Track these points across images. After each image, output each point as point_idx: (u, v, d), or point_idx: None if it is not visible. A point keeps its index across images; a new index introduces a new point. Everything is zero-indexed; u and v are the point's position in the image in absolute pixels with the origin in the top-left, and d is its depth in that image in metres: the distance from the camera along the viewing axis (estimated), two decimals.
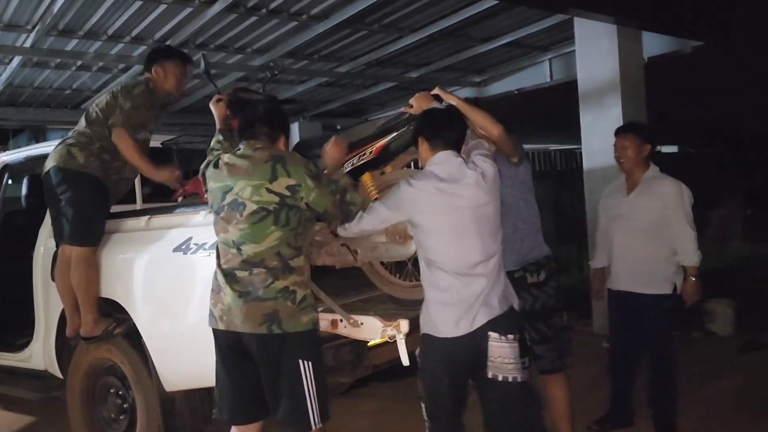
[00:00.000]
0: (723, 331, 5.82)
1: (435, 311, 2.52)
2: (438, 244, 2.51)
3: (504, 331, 2.47)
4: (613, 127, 5.89)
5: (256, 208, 2.51)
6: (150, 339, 3.17)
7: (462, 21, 6.48)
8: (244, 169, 2.56)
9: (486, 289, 2.48)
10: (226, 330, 2.57)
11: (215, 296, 2.60)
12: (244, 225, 2.53)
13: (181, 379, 3.18)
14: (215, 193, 2.63)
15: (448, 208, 2.48)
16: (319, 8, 5.99)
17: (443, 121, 2.63)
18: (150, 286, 3.23)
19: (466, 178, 2.50)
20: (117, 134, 3.35)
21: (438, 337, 2.51)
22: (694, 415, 3.97)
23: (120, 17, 5.78)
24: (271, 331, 2.50)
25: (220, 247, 2.63)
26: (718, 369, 4.89)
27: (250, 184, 2.53)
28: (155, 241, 3.23)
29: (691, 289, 3.52)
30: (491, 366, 2.47)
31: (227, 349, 2.61)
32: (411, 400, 4.33)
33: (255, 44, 6.84)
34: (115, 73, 7.40)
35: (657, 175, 3.59)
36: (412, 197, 2.52)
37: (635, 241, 3.55)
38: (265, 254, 2.52)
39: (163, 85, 3.52)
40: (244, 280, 2.54)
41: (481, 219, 2.51)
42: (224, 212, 2.58)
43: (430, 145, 2.60)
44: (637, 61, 6.24)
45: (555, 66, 8.22)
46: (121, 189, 3.63)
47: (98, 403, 3.60)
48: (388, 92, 9.52)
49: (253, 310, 2.50)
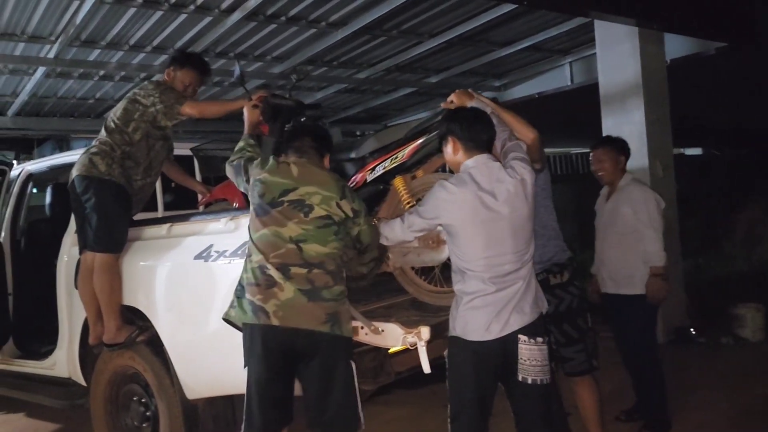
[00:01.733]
0: (753, 336, 5.69)
1: (465, 314, 2.49)
2: (472, 251, 2.47)
3: (533, 334, 2.46)
4: (636, 130, 5.93)
5: (324, 215, 2.59)
6: (172, 347, 3.18)
7: (481, 25, 6.46)
8: (319, 179, 2.63)
9: (519, 295, 2.46)
10: (282, 328, 2.51)
11: (265, 291, 2.52)
12: (309, 226, 2.57)
13: (203, 387, 3.18)
14: (271, 186, 2.61)
15: (485, 217, 2.43)
16: (337, 15, 6.01)
17: (475, 120, 2.57)
18: (171, 294, 3.24)
19: (506, 184, 2.45)
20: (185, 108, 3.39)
21: (468, 340, 2.48)
22: (720, 425, 3.89)
23: (141, 27, 5.86)
24: (332, 331, 2.55)
25: (269, 240, 2.56)
26: (749, 376, 4.77)
27: (321, 193, 2.60)
28: (176, 248, 3.24)
29: (654, 287, 3.65)
30: (521, 369, 2.45)
31: (274, 346, 2.53)
32: (436, 407, 4.31)
33: (274, 52, 6.88)
34: (137, 82, 7.48)
35: (630, 182, 3.80)
36: (450, 204, 2.47)
37: (612, 246, 3.75)
38: (325, 257, 2.57)
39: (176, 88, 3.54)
40: (300, 277, 2.53)
41: (517, 227, 2.47)
42: (282, 207, 2.57)
43: (463, 146, 2.54)
44: (659, 63, 6.15)
45: (576, 69, 8.15)
46: (146, 193, 3.65)
47: (121, 411, 3.61)
48: (408, 98, 9.51)
49: (317, 309, 2.53)
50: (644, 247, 3.66)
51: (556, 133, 11.84)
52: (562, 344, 3.10)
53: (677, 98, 6.34)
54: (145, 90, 3.48)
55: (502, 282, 2.45)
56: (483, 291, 2.45)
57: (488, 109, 2.72)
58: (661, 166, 5.99)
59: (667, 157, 6.15)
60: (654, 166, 5.92)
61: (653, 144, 5.93)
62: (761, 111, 10.15)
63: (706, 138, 14.07)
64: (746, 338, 5.69)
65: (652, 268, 3.65)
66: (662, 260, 3.66)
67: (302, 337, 2.53)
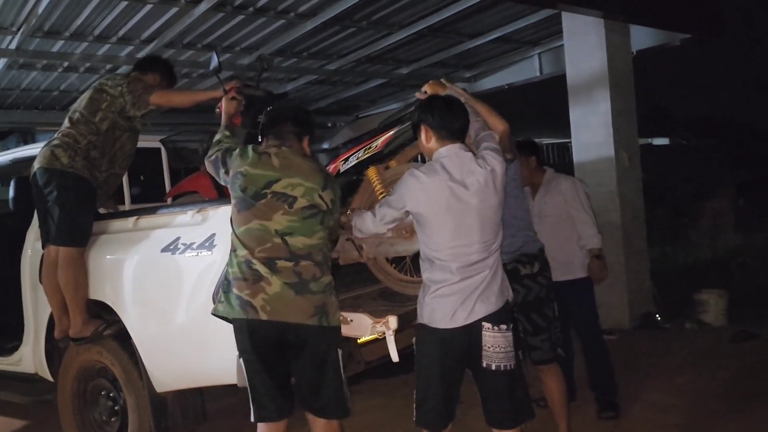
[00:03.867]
0: (715, 321, 5.85)
1: (432, 303, 2.52)
2: (441, 240, 2.49)
3: (497, 322, 2.49)
4: (603, 120, 6.03)
5: (308, 205, 2.59)
6: (140, 340, 3.15)
7: (451, 17, 6.48)
8: (301, 168, 2.63)
9: (485, 283, 2.49)
10: (270, 321, 2.51)
11: (252, 286, 2.51)
12: (294, 217, 2.56)
13: (171, 379, 3.16)
14: (254, 179, 2.59)
15: (455, 207, 2.45)
16: (306, 6, 5.98)
17: (448, 109, 2.56)
18: (139, 287, 3.21)
19: (476, 175, 2.46)
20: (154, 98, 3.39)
21: (433, 328, 2.51)
22: (683, 407, 3.99)
23: (106, 18, 5.75)
24: (320, 323, 2.56)
25: (254, 234, 2.55)
26: (710, 360, 4.91)
27: (304, 185, 2.59)
28: (143, 241, 3.21)
29: (596, 268, 3.85)
30: (485, 355, 2.49)
31: (264, 340, 2.54)
32: (407, 396, 4.35)
33: (243, 43, 6.81)
34: (102, 74, 7.35)
35: (554, 175, 3.96)
36: (419, 192, 2.48)
37: (549, 235, 3.78)
38: (312, 248, 2.58)
39: None
40: (287, 271, 2.53)
41: (486, 217, 2.49)
42: (266, 200, 2.56)
43: (435, 134, 2.54)
44: (625, 54, 6.25)
45: (545, 60, 8.23)
46: (111, 185, 3.61)
47: (89, 406, 3.57)
48: (379, 89, 9.51)
49: (305, 302, 2.53)
50: (580, 231, 3.84)
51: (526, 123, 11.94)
52: (529, 333, 3.15)
53: (644, 89, 6.46)
54: (113, 80, 3.46)
55: (468, 271, 2.48)
56: (450, 280, 2.48)
57: (461, 99, 2.73)
58: (627, 155, 6.10)
59: (633, 147, 6.27)
60: (620, 156, 6.03)
61: (619, 134, 6.03)
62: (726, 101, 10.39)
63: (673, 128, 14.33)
64: (709, 323, 5.85)
65: (591, 250, 3.83)
66: (599, 242, 3.84)
67: (291, 331, 2.54)
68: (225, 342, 2.79)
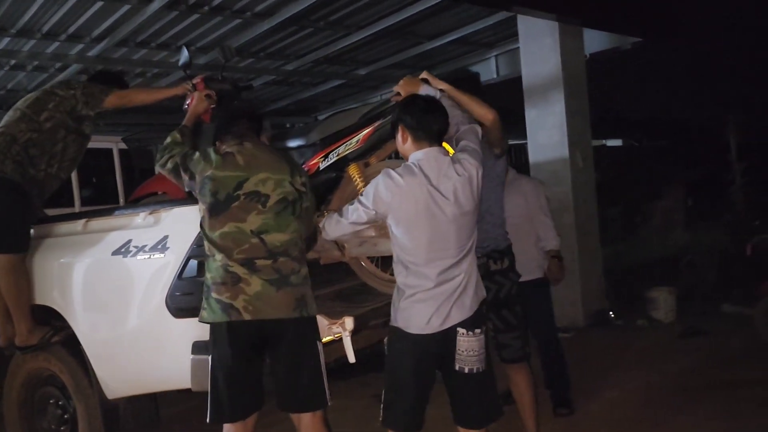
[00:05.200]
0: (665, 318, 6.02)
1: (407, 308, 2.47)
2: (415, 245, 2.43)
3: (472, 326, 2.47)
4: (557, 121, 6.14)
5: (279, 199, 2.57)
6: (89, 346, 3.07)
7: (408, 18, 6.50)
8: (266, 161, 2.61)
9: (460, 288, 2.45)
10: (251, 320, 2.49)
11: (232, 288, 2.49)
12: (269, 214, 2.55)
13: (123, 386, 3.09)
14: (223, 182, 2.54)
15: (432, 211, 2.40)
16: (263, 6, 5.92)
17: (426, 109, 2.50)
18: (88, 292, 3.12)
19: (453, 181, 2.41)
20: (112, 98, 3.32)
21: (408, 332, 2.48)
22: (635, 401, 4.10)
23: (54, 15, 5.60)
24: (302, 315, 2.56)
25: (231, 237, 2.52)
26: (660, 355, 5.05)
27: (272, 177, 2.58)
28: (93, 244, 3.13)
29: (555, 269, 3.92)
30: (458, 359, 2.47)
31: (246, 340, 2.52)
32: (366, 398, 4.36)
33: (199, 42, 6.71)
34: (52, 73, 7.15)
35: (516, 176, 3.94)
36: (395, 195, 2.41)
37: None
38: (288, 244, 2.58)
39: None
40: (266, 269, 2.52)
41: (462, 223, 2.45)
42: (239, 202, 2.53)
43: (412, 135, 2.48)
44: (578, 57, 6.38)
45: (501, 62, 8.35)
46: (50, 185, 3.46)
47: (37, 415, 3.47)
48: (337, 90, 9.50)
49: (287, 296, 2.54)
50: (540, 233, 3.89)
51: None
52: (500, 330, 3.10)
53: (597, 91, 6.60)
54: (68, 84, 3.40)
55: (444, 276, 2.43)
56: (425, 285, 2.43)
57: (437, 93, 2.66)
58: (581, 156, 6.23)
59: (586, 148, 6.40)
60: (574, 157, 6.15)
61: (573, 135, 6.16)
62: (676, 103, 10.70)
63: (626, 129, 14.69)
64: (660, 320, 6.02)
65: (550, 251, 3.89)
66: (558, 243, 3.90)
67: (270, 327, 2.53)
68: (178, 346, 2.77)
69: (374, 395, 4.49)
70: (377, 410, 2.61)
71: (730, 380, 4.33)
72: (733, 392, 4.09)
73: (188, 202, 2.82)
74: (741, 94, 10.12)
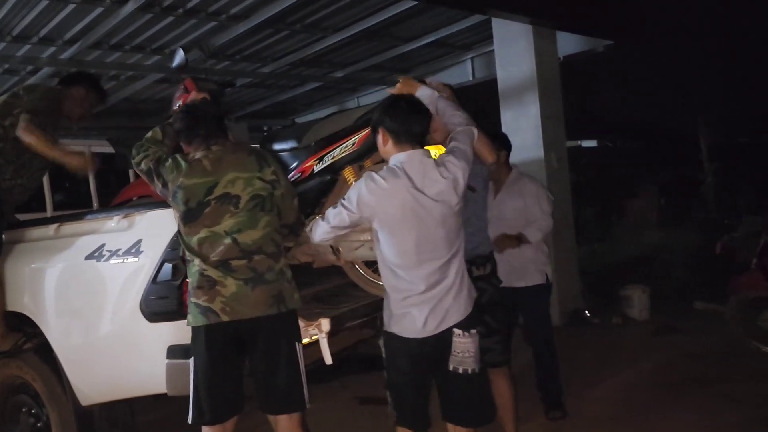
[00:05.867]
0: (640, 316, 6.12)
1: (400, 312, 2.45)
2: (401, 247, 2.41)
3: (468, 327, 2.48)
4: (532, 123, 6.20)
5: (251, 198, 2.55)
6: (62, 352, 3.03)
7: (385, 20, 6.52)
8: (233, 161, 2.59)
9: (454, 289, 2.44)
10: (229, 321, 2.48)
11: (209, 292, 2.49)
12: (241, 214, 2.53)
13: (98, 392, 3.04)
14: (192, 190, 2.53)
15: (418, 215, 2.38)
16: (238, 8, 5.89)
17: (409, 111, 2.45)
18: (61, 297, 3.08)
19: (438, 184, 2.39)
20: (22, 121, 3.17)
21: (403, 337, 2.46)
22: (612, 399, 4.16)
23: (25, 17, 5.51)
24: (279, 311, 2.54)
25: (206, 242, 2.51)
26: (635, 353, 5.13)
27: (241, 176, 2.56)
28: (66, 249, 3.09)
29: (507, 240, 3.61)
30: (453, 360, 2.47)
31: (224, 343, 2.52)
32: (346, 401, 4.35)
33: (174, 44, 6.65)
34: (23, 76, 7.05)
35: (519, 176, 3.83)
36: (380, 198, 2.37)
37: None
38: (262, 241, 2.55)
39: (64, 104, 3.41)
40: (242, 268, 2.51)
41: (448, 224, 2.43)
42: (211, 208, 2.52)
43: (393, 138, 2.44)
44: (552, 59, 6.46)
45: (477, 65, 8.41)
46: (16, 196, 3.43)
47: (9, 424, 3.41)
48: (315, 92, 9.48)
49: (262, 294, 2.52)
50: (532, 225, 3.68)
51: None
52: (482, 335, 3.05)
53: (572, 93, 6.68)
54: (30, 87, 3.36)
55: (434, 278, 2.42)
56: (416, 290, 2.41)
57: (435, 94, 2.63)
58: (555, 157, 6.30)
59: (561, 149, 6.48)
60: (549, 158, 6.22)
61: (548, 137, 6.23)
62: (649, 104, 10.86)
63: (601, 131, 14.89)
64: (634, 318, 6.11)
65: (522, 236, 3.65)
66: (535, 238, 3.68)
67: (246, 326, 2.52)
68: (153, 350, 2.74)
69: (355, 398, 4.52)
70: (358, 413, 2.63)
71: (703, 377, 4.42)
72: (707, 388, 4.18)
73: (163, 206, 2.80)
74: (711, 96, 10.31)
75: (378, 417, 3.97)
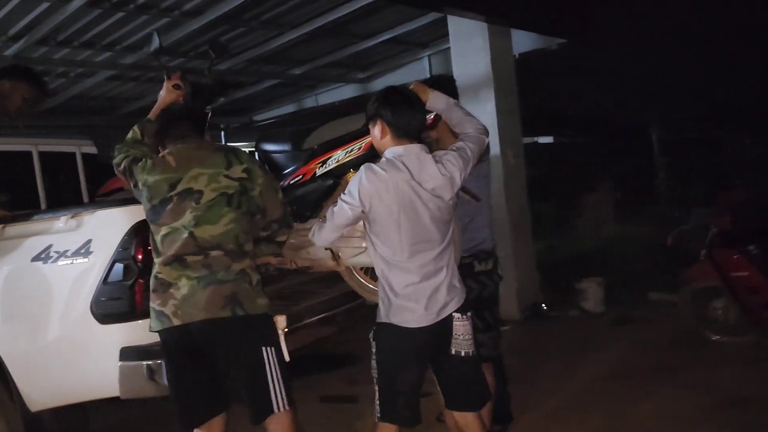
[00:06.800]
0: (595, 308, 6.23)
1: (401, 304, 2.45)
2: (397, 238, 2.41)
3: (464, 311, 2.53)
4: (489, 120, 6.24)
5: (216, 194, 2.48)
6: (9, 358, 2.95)
7: (342, 17, 6.49)
8: (198, 158, 2.54)
9: (448, 278, 2.48)
10: (180, 325, 2.41)
11: (162, 295, 2.43)
12: (202, 209, 2.46)
13: (47, 397, 2.97)
14: (155, 187, 2.49)
15: (415, 207, 2.40)
16: (192, 4, 5.80)
17: (407, 104, 2.46)
18: (7, 301, 2.99)
19: (435, 180, 2.41)
20: None
21: (405, 327, 2.46)
22: (570, 390, 4.23)
23: None
24: (235, 314, 2.43)
25: (167, 238, 2.45)
26: (591, 344, 5.23)
27: (205, 172, 2.50)
28: (11, 251, 3.01)
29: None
30: (455, 343, 2.51)
31: (178, 348, 2.47)
32: (313, 402, 4.31)
33: (125, 41, 6.50)
34: None
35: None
36: (379, 189, 2.37)
37: None
38: (221, 238, 2.46)
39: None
40: (196, 265, 2.43)
41: (441, 216, 2.46)
42: (173, 204, 2.46)
43: (392, 131, 2.44)
44: (507, 57, 6.53)
45: (434, 62, 8.43)
46: None
47: None
48: (273, 89, 9.40)
49: (213, 294, 2.41)
50: None
51: None
52: (479, 330, 3.04)
53: (528, 90, 6.77)
54: None
55: (428, 269, 2.44)
56: (412, 281, 2.43)
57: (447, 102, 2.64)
58: (512, 153, 6.38)
59: (517, 146, 6.56)
60: (506, 154, 6.30)
61: (504, 133, 6.30)
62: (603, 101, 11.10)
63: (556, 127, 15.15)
64: (589, 310, 6.22)
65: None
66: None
67: (202, 329, 2.42)
68: (105, 353, 2.69)
69: (321, 398, 4.48)
70: (328, 413, 2.59)
71: (658, 365, 4.52)
72: (662, 377, 4.27)
73: (112, 205, 2.74)
74: (662, 94, 10.60)
75: (342, 415, 3.95)
